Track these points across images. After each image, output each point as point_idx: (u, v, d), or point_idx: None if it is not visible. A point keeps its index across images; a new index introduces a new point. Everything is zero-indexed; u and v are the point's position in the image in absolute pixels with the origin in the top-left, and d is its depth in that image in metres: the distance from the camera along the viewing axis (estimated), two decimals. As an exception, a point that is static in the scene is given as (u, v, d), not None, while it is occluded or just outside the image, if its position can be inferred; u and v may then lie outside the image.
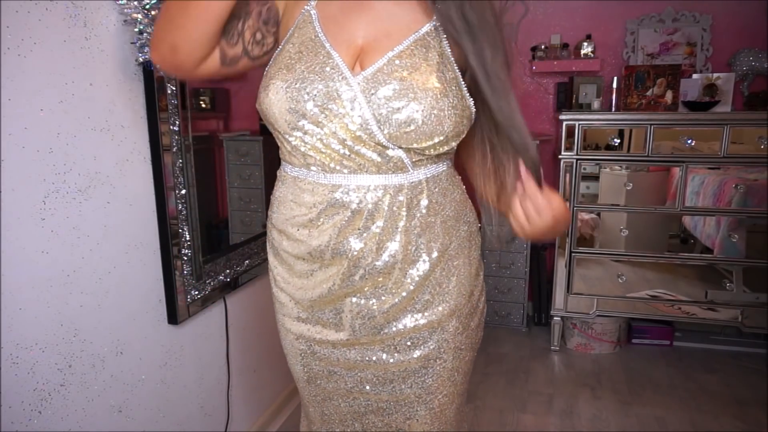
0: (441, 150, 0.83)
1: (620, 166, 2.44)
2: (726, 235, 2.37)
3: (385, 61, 0.79)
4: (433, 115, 0.78)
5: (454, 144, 0.84)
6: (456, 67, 0.82)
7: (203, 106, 1.57)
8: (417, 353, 0.90)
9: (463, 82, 0.83)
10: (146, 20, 1.18)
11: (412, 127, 0.78)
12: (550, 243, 2.82)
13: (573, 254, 2.52)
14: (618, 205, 2.46)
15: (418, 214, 0.85)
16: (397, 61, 0.79)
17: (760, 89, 2.51)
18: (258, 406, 1.90)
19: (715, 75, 2.41)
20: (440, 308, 0.89)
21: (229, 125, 1.74)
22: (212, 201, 1.67)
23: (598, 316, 2.55)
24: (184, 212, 1.38)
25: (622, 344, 2.67)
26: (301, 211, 0.86)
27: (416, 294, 0.88)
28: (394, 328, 0.89)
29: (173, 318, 1.39)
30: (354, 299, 0.89)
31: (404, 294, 0.87)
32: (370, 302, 0.88)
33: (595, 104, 2.51)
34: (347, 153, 0.81)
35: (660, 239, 2.51)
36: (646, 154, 2.35)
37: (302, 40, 0.82)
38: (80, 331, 1.14)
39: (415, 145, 0.80)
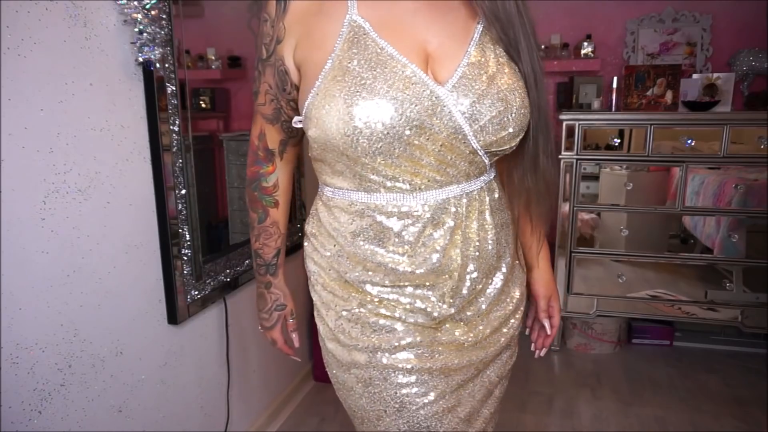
0: (510, 145, 0.82)
1: (620, 166, 2.44)
2: (726, 235, 2.37)
3: (465, 66, 0.76)
4: (521, 114, 0.78)
5: (519, 140, 0.83)
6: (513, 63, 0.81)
7: (203, 106, 1.57)
8: (503, 339, 0.93)
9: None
10: (146, 20, 1.18)
11: (508, 131, 0.77)
12: (550, 243, 2.82)
13: (573, 254, 2.52)
14: (618, 205, 2.46)
15: (497, 208, 0.87)
16: (475, 65, 0.76)
17: (760, 89, 2.51)
18: (258, 406, 1.90)
19: (715, 75, 2.41)
20: (516, 295, 0.93)
21: (229, 125, 1.74)
22: (212, 201, 1.67)
23: (598, 316, 2.55)
24: (184, 212, 1.38)
25: (622, 344, 2.67)
26: (391, 243, 0.80)
27: (506, 285, 0.91)
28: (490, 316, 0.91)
29: (173, 318, 1.39)
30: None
31: (499, 289, 0.90)
32: (472, 309, 0.88)
33: (595, 104, 2.51)
34: (440, 166, 0.78)
35: (660, 239, 2.51)
36: (646, 154, 2.35)
37: (365, 56, 0.74)
38: (80, 331, 1.14)
39: (503, 147, 0.79)
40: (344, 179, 0.81)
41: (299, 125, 0.83)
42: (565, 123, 2.39)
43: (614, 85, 2.47)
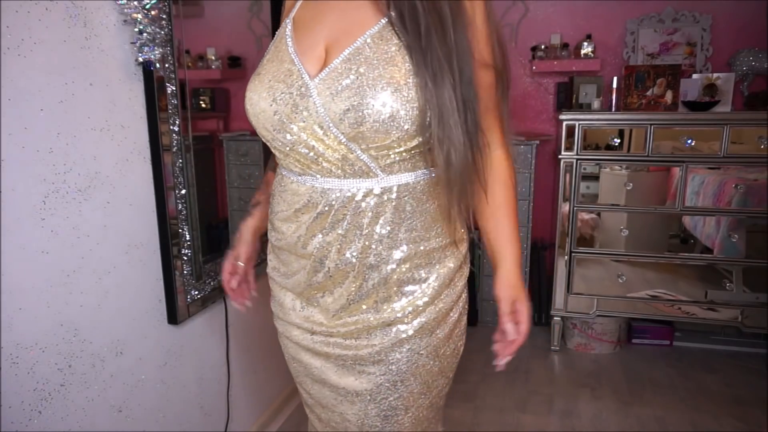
0: (405, 147, 0.80)
1: (620, 166, 2.44)
2: (726, 235, 2.37)
3: (340, 60, 0.79)
4: (385, 112, 0.76)
5: (417, 142, 0.80)
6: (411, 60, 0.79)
7: (203, 106, 1.57)
8: (366, 349, 0.92)
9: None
10: (146, 20, 1.18)
11: (366, 126, 0.77)
12: (550, 243, 2.82)
13: (573, 254, 2.52)
14: (618, 205, 2.46)
15: (382, 221, 0.84)
16: (353, 59, 0.78)
17: (760, 89, 2.51)
18: (258, 406, 1.90)
19: (715, 75, 2.41)
20: (401, 311, 0.89)
21: (229, 125, 1.74)
22: (212, 201, 1.67)
23: (598, 316, 2.55)
24: (184, 212, 1.37)
25: (622, 344, 2.67)
26: (283, 207, 0.91)
27: (378, 296, 0.89)
28: (353, 322, 0.91)
29: (173, 318, 1.39)
30: (320, 291, 0.93)
31: (365, 294, 0.89)
32: (330, 299, 0.91)
33: (595, 104, 2.51)
34: (314, 157, 0.83)
35: (660, 239, 2.51)
36: (646, 154, 2.35)
37: (275, 49, 0.87)
38: (80, 331, 1.14)
39: (373, 144, 0.79)
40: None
41: None
42: (565, 123, 2.39)
43: (614, 85, 2.47)
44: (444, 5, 0.78)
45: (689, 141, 2.32)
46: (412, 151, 0.82)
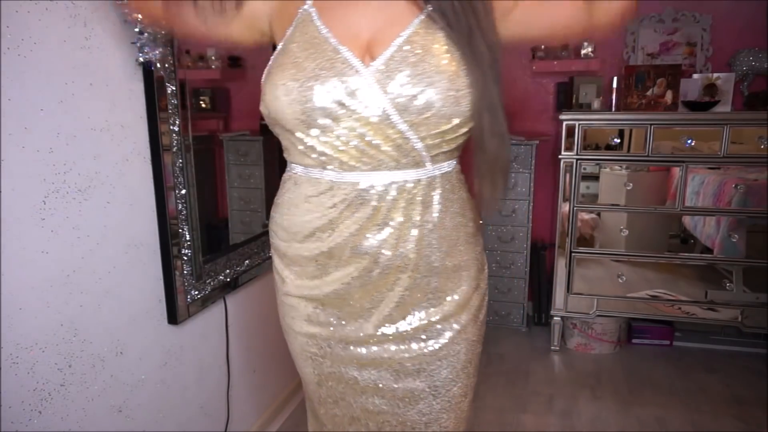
0: (460, 133, 0.83)
1: (620, 166, 2.44)
2: (726, 235, 2.37)
3: (394, 48, 0.79)
4: (450, 96, 0.78)
5: (467, 129, 0.84)
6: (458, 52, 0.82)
7: (203, 106, 1.57)
8: (431, 347, 0.91)
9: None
10: (146, 20, 1.18)
11: (432, 112, 0.78)
12: (550, 243, 2.82)
13: (573, 254, 2.52)
14: (618, 205, 2.46)
15: (432, 210, 0.86)
16: (406, 47, 0.79)
17: (760, 89, 2.51)
18: (258, 406, 1.90)
19: (715, 75, 2.41)
20: (453, 302, 0.91)
21: (229, 125, 1.74)
22: (212, 201, 1.67)
23: (598, 316, 2.55)
24: (184, 212, 1.37)
25: (622, 344, 2.67)
26: (318, 213, 0.86)
27: (430, 288, 0.89)
28: (408, 323, 0.90)
29: (173, 318, 1.39)
30: (369, 295, 0.89)
31: (419, 288, 0.89)
32: (385, 297, 0.89)
33: (595, 104, 2.51)
34: (366, 149, 0.81)
35: (660, 239, 2.51)
36: (646, 154, 2.35)
37: (306, 38, 0.82)
38: (80, 331, 1.14)
39: (435, 130, 0.80)
40: (289, 153, 0.89)
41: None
42: (565, 123, 2.39)
43: (614, 85, 2.47)
44: (478, 4, 0.80)
45: (689, 141, 2.32)
46: (458, 140, 0.85)
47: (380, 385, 0.94)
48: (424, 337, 0.91)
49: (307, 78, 0.79)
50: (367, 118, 0.79)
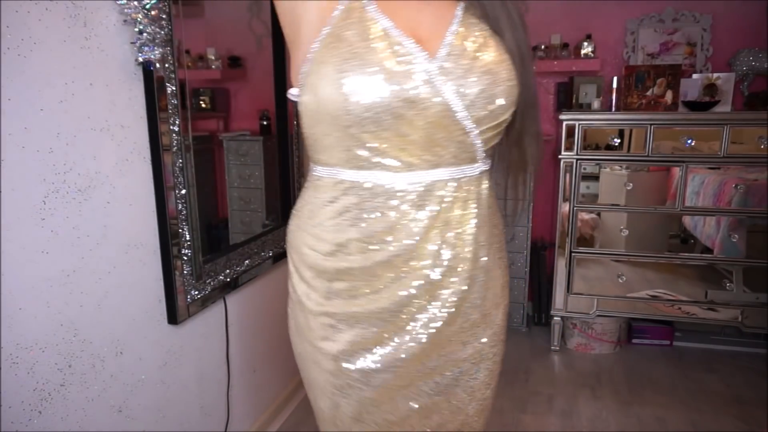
0: (503, 128, 0.83)
1: (620, 166, 2.44)
2: (726, 235, 2.37)
3: (450, 44, 0.78)
4: (510, 87, 0.78)
5: (507, 124, 0.83)
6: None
7: (203, 106, 1.57)
8: (469, 350, 0.89)
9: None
10: (146, 20, 1.18)
11: (498, 104, 0.78)
12: (550, 243, 2.82)
13: (573, 254, 2.52)
14: (618, 205, 2.46)
15: (483, 204, 0.86)
16: (459, 42, 0.78)
17: (760, 89, 2.51)
18: (258, 406, 1.90)
19: (715, 75, 2.41)
20: (492, 300, 0.89)
21: (229, 125, 1.74)
22: (212, 201, 1.67)
23: (598, 316, 2.55)
24: (184, 212, 1.38)
25: (622, 344, 2.67)
26: (378, 221, 0.79)
27: (477, 286, 0.86)
28: (454, 327, 0.86)
29: (173, 318, 1.39)
30: (420, 304, 0.84)
31: (471, 287, 0.85)
32: (436, 304, 0.83)
33: (595, 104, 2.51)
34: (428, 145, 0.77)
35: (660, 239, 2.51)
36: (646, 154, 2.35)
37: (361, 27, 0.76)
38: (80, 331, 1.14)
39: (493, 122, 0.79)
40: (332, 155, 0.80)
41: (294, 98, 0.83)
42: (565, 123, 2.39)
43: (614, 85, 2.47)
44: (509, 5, 0.82)
45: (689, 141, 2.32)
46: (500, 135, 0.85)
47: (415, 406, 0.90)
48: (464, 340, 0.89)
49: (373, 72, 0.73)
50: (430, 112, 0.75)
